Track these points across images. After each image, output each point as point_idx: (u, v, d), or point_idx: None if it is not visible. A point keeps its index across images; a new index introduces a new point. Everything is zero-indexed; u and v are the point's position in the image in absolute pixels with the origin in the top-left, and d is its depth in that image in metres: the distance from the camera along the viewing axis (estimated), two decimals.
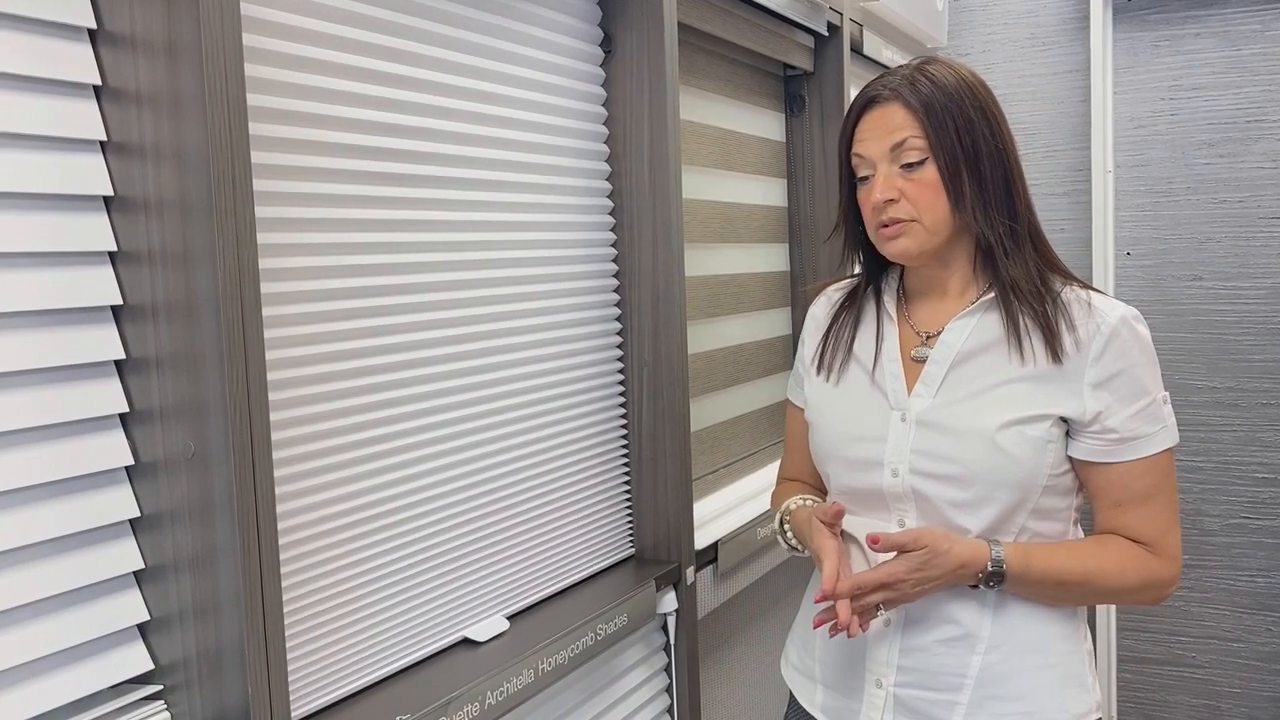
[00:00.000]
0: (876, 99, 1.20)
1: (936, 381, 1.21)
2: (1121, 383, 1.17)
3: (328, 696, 1.12)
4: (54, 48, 0.88)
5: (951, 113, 1.17)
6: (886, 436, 1.21)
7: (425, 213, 1.25)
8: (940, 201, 1.18)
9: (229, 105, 0.90)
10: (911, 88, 1.18)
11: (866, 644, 1.25)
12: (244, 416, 0.91)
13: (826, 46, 2.27)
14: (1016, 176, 1.21)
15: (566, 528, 1.52)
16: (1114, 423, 1.17)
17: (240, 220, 0.91)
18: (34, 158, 0.87)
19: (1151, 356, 1.20)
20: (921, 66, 1.21)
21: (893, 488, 1.21)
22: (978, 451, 1.16)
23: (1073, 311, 1.18)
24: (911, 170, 1.18)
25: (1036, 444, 1.16)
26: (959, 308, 1.23)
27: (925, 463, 1.19)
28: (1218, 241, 2.90)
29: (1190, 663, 3.00)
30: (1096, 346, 1.16)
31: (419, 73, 1.24)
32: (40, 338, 0.88)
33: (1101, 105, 2.93)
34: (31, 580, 0.87)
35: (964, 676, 1.20)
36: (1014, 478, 1.16)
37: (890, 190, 1.18)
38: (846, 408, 1.27)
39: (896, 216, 1.19)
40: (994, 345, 1.20)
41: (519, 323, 1.42)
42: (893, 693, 1.23)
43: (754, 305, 2.15)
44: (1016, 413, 1.16)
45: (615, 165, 1.61)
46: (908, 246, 1.20)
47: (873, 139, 1.20)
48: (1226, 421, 2.91)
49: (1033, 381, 1.17)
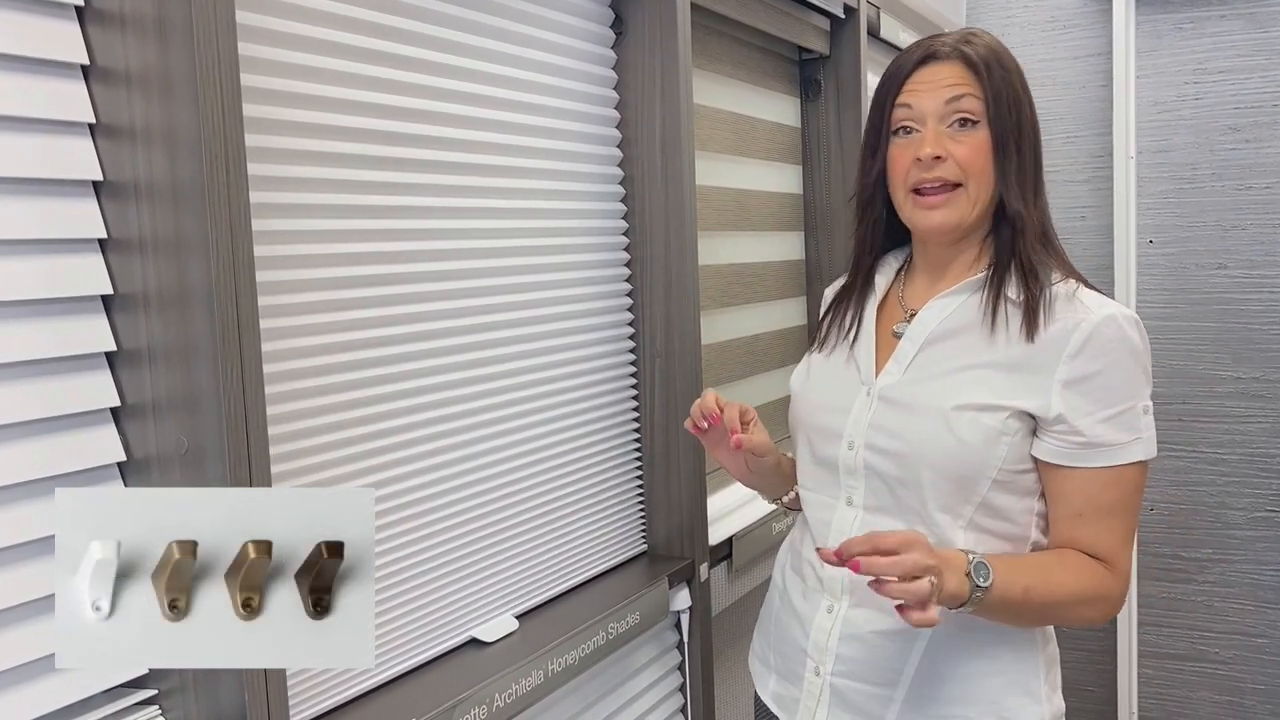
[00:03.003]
0: (936, 54, 1.16)
1: (907, 359, 1.19)
2: (1095, 385, 1.10)
3: (328, 701, 1.09)
4: (40, 25, 0.85)
5: (1005, 83, 1.15)
6: (850, 409, 1.20)
7: (430, 200, 1.21)
8: (988, 168, 1.14)
9: (222, 86, 0.87)
10: (971, 48, 1.15)
11: (810, 630, 1.22)
12: (239, 410, 0.88)
13: (843, 29, 2.23)
14: (1042, 165, 1.19)
15: (577, 524, 1.49)
16: (1082, 425, 1.10)
17: (234, 205, 0.88)
18: (20, 140, 0.84)
19: (1138, 361, 1.12)
20: (973, 34, 1.18)
21: (846, 460, 1.19)
22: (926, 431, 1.13)
23: (1057, 305, 1.13)
24: (963, 129, 1.14)
25: (989, 434, 1.11)
26: (949, 287, 1.20)
27: (879, 438, 1.16)
28: (1243, 229, 2.85)
29: (1213, 658, 2.96)
30: (1074, 342, 1.10)
31: (423, 53, 1.20)
32: (28, 329, 0.85)
33: (1124, 89, 2.88)
34: (22, 582, 0.84)
35: (901, 672, 1.16)
36: (958, 464, 1.11)
37: (939, 147, 1.14)
38: (824, 380, 1.27)
39: (945, 176, 1.14)
40: (971, 328, 1.16)
41: (527, 313, 1.38)
42: (830, 681, 1.20)
43: (768, 294, 2.12)
44: (976, 398, 1.12)
45: (626, 150, 1.58)
46: (947, 218, 1.15)
47: (928, 92, 1.15)
48: (1251, 413, 2.86)
49: (1001, 369, 1.13)
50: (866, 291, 1.28)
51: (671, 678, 1.63)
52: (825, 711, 1.20)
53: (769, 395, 2.12)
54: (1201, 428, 2.89)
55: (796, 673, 1.25)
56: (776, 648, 1.30)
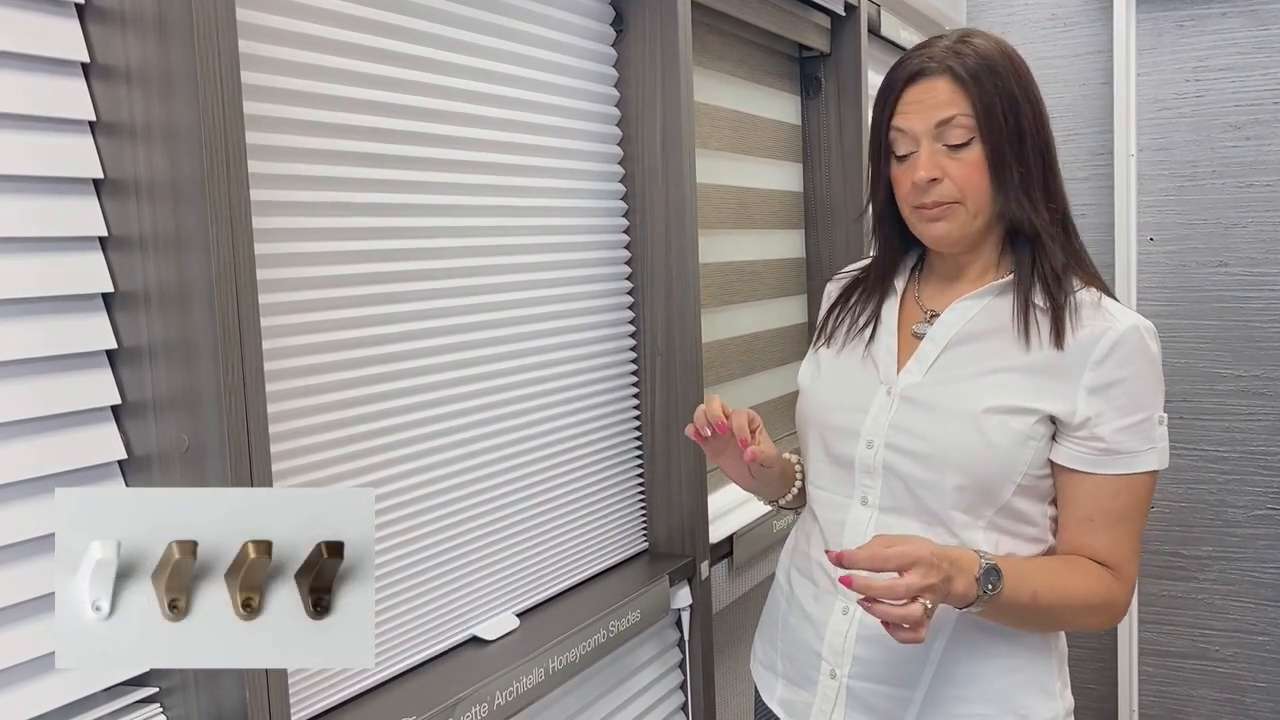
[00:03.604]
0: (923, 72, 1.14)
1: (929, 360, 1.18)
2: (1119, 392, 1.11)
3: (329, 699, 1.08)
4: (40, 23, 0.85)
5: (1000, 91, 1.12)
6: (869, 408, 1.19)
7: (430, 197, 1.21)
8: (984, 184, 1.13)
9: (222, 83, 0.86)
10: (959, 61, 1.12)
11: (825, 633, 1.21)
12: (240, 408, 0.88)
13: (843, 27, 2.22)
14: (1053, 160, 1.17)
15: (577, 522, 1.48)
16: (1103, 431, 1.11)
17: (235, 203, 0.88)
18: (20, 138, 0.84)
19: (1157, 373, 1.13)
20: (965, 39, 1.15)
21: (864, 459, 1.18)
22: (954, 432, 1.12)
23: (1083, 312, 1.13)
24: (957, 150, 1.13)
25: (1018, 438, 1.11)
26: (970, 290, 1.20)
27: (901, 438, 1.15)
28: (1244, 227, 2.84)
29: (1213, 656, 2.95)
30: (1101, 349, 1.11)
31: (423, 50, 1.20)
32: (29, 326, 0.85)
33: (1124, 87, 2.87)
34: (22, 580, 0.84)
35: (920, 673, 1.15)
36: (986, 467, 1.11)
37: (934, 169, 1.13)
38: (838, 377, 1.25)
39: (940, 199, 1.13)
40: (998, 331, 1.16)
41: (527, 310, 1.38)
42: (846, 684, 1.19)
43: (769, 293, 2.11)
44: (1005, 401, 1.12)
45: (627, 148, 1.58)
46: (948, 230, 1.15)
47: (917, 114, 1.14)
48: (1252, 410, 2.86)
49: (1029, 374, 1.13)
50: (883, 290, 1.26)
51: (672, 676, 1.62)
52: (842, 714, 1.19)
53: (769, 393, 2.12)
54: (1202, 426, 2.88)
55: (809, 676, 1.23)
56: (785, 652, 1.28)
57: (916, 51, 1.16)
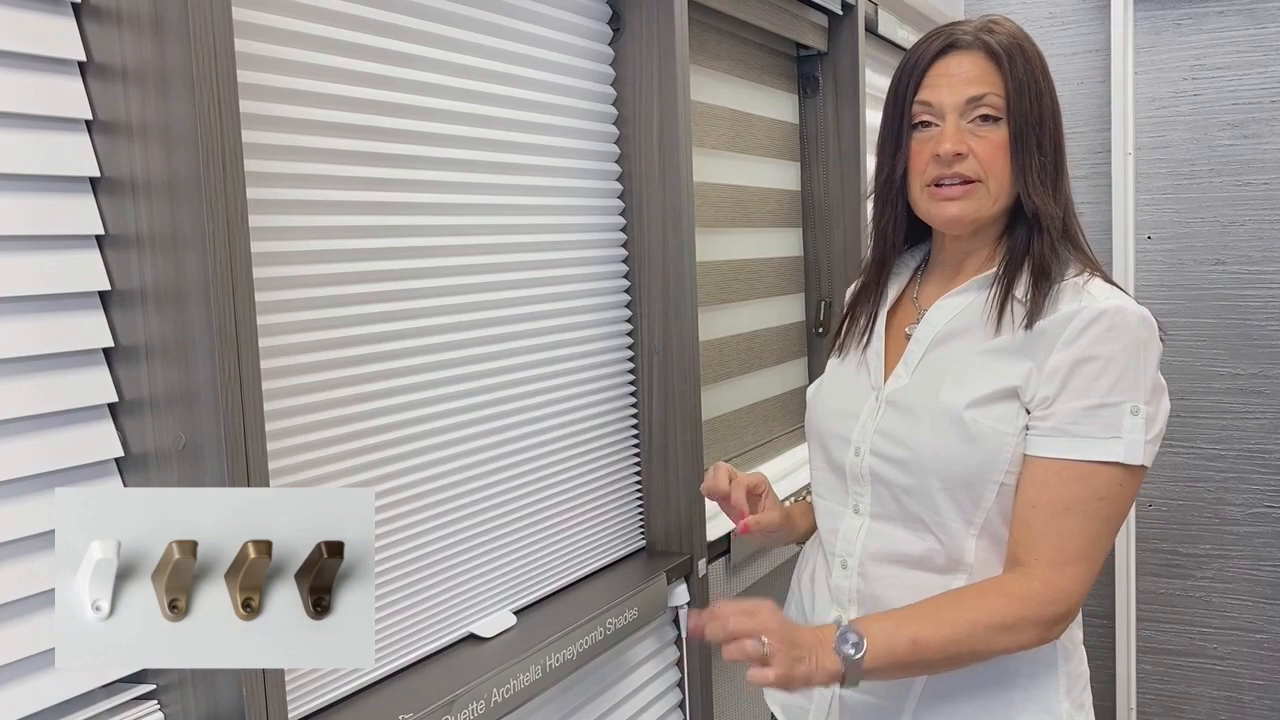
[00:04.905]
0: (957, 44, 1.11)
1: (914, 361, 1.15)
2: (1081, 372, 1.04)
3: (326, 696, 1.08)
4: (37, 21, 0.84)
5: (1030, 74, 1.10)
6: (859, 414, 1.17)
7: (427, 196, 1.21)
8: (1006, 166, 1.10)
9: (218, 82, 0.86)
10: (993, 38, 1.10)
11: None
12: (237, 406, 0.88)
13: (841, 25, 2.22)
14: (1063, 155, 1.15)
15: (575, 520, 1.48)
16: (1056, 409, 1.04)
17: (231, 202, 0.88)
18: (16, 137, 0.84)
19: (1140, 361, 1.04)
20: (995, 22, 1.13)
21: (854, 467, 1.16)
22: (931, 435, 1.09)
23: (1063, 296, 1.09)
24: (984, 126, 1.10)
25: (994, 433, 1.06)
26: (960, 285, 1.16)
27: (883, 444, 1.13)
28: (1241, 225, 2.84)
29: (1211, 654, 2.96)
30: (1073, 329, 1.05)
31: (420, 49, 1.20)
32: (26, 324, 0.85)
33: (1122, 86, 2.87)
34: (21, 577, 0.84)
35: (910, 686, 1.13)
36: (963, 466, 1.07)
37: (960, 144, 1.09)
38: (838, 385, 1.24)
39: (964, 173, 1.10)
40: (976, 324, 1.12)
41: (525, 309, 1.38)
42: (838, 694, 1.18)
43: (767, 291, 2.11)
44: (979, 391, 1.08)
45: (624, 147, 1.57)
46: (964, 211, 1.11)
47: (949, 86, 1.10)
48: (1249, 408, 2.86)
49: (997, 355, 1.09)
50: (880, 292, 1.24)
51: (670, 673, 1.63)
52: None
53: (767, 392, 2.12)
54: (1199, 423, 2.89)
55: None
56: None
57: (946, 28, 1.14)
